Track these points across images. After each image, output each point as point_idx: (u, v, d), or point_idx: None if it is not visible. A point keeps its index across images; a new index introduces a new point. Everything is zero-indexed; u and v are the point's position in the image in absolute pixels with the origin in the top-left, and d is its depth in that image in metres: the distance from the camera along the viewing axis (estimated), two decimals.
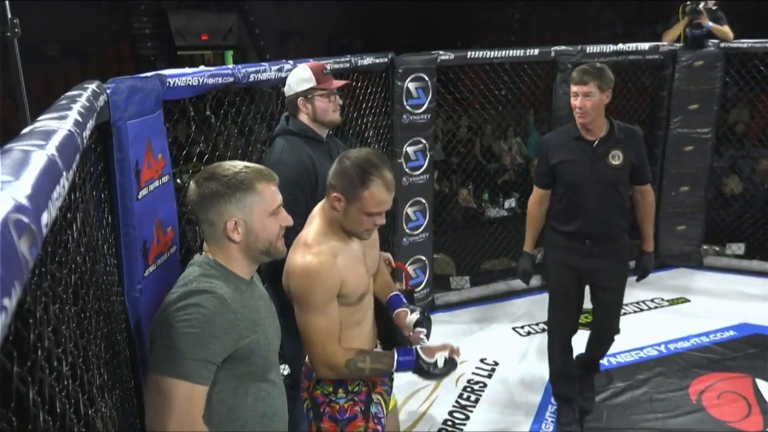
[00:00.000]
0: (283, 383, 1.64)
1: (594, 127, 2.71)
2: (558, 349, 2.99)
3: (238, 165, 1.46)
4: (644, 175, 2.81)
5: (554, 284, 2.95)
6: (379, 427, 1.90)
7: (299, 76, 2.35)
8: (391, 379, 2.03)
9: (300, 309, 1.70)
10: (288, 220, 1.50)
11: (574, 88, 2.68)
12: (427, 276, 4.26)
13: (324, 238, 1.72)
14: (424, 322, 1.91)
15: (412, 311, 1.94)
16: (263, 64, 2.66)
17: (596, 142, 2.72)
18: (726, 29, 4.61)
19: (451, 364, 1.78)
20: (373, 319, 1.96)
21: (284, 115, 2.45)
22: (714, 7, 4.59)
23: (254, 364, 1.46)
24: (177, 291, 1.40)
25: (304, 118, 2.35)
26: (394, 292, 2.03)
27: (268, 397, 1.53)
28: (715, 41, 4.65)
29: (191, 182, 1.47)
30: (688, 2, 4.56)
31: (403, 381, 3.50)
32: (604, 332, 3.00)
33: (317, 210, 1.83)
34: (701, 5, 4.52)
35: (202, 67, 2.28)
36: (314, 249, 1.69)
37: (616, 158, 2.69)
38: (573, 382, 3.05)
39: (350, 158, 1.69)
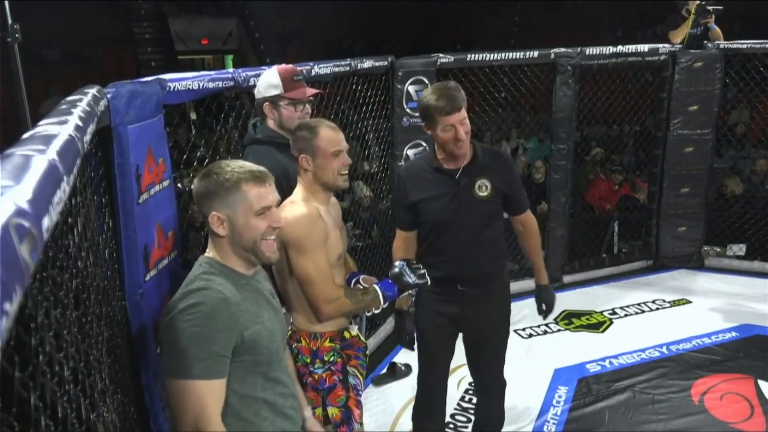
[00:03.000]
0: (293, 385, 1.68)
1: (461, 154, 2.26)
2: (423, 408, 2.55)
3: (233, 164, 1.52)
4: (520, 204, 2.41)
5: (423, 334, 2.47)
6: (359, 398, 2.04)
7: (267, 81, 2.27)
8: (366, 355, 2.14)
9: (298, 253, 1.88)
10: (279, 221, 1.54)
11: (449, 119, 2.17)
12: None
13: (307, 199, 1.95)
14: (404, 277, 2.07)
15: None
16: (263, 67, 2.66)
17: (459, 173, 2.28)
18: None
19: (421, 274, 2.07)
20: None
21: (252, 122, 2.38)
22: (720, 7, 4.59)
23: (260, 354, 1.49)
24: (179, 292, 1.45)
25: (271, 123, 2.28)
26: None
27: (277, 386, 1.57)
28: (715, 42, 4.66)
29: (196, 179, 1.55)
30: (702, 2, 4.54)
31: (405, 383, 3.50)
32: (487, 393, 2.58)
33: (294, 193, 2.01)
34: (710, 6, 4.52)
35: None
36: (300, 203, 1.92)
37: (483, 188, 2.27)
38: None
39: (296, 129, 2.00)
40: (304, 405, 1.87)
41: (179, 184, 3.67)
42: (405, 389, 3.43)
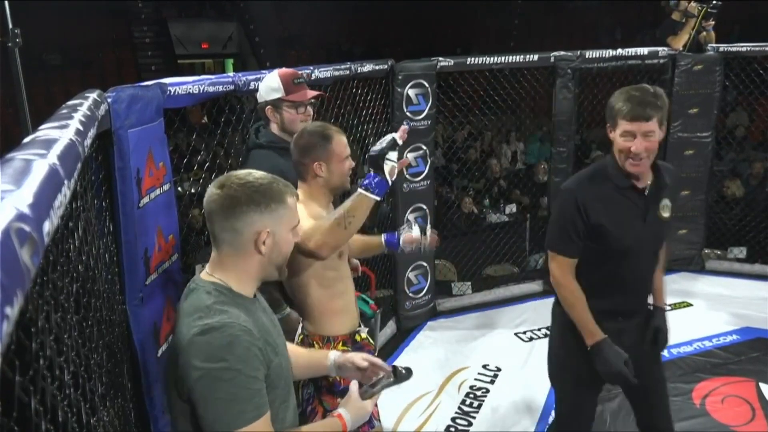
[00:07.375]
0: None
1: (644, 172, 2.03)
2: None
3: (266, 175, 1.40)
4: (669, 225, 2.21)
5: (580, 371, 2.17)
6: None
7: (268, 85, 2.30)
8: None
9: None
10: (299, 235, 1.46)
11: (627, 126, 1.93)
12: (428, 282, 4.26)
13: (307, 202, 1.95)
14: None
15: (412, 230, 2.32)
16: (264, 71, 2.67)
17: (647, 191, 2.04)
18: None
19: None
20: (355, 301, 2.13)
21: (255, 126, 2.41)
22: (715, 11, 4.58)
23: (277, 388, 1.41)
24: (195, 326, 1.30)
25: (273, 127, 2.32)
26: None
27: (287, 420, 1.48)
28: (709, 45, 4.65)
29: (211, 187, 1.38)
30: (705, 5, 4.51)
31: (406, 386, 3.49)
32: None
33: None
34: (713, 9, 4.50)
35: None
36: (300, 206, 1.91)
37: (665, 209, 2.08)
38: None
39: (304, 135, 1.97)
40: (324, 354, 1.72)
41: (179, 188, 3.67)
42: (406, 393, 3.42)
